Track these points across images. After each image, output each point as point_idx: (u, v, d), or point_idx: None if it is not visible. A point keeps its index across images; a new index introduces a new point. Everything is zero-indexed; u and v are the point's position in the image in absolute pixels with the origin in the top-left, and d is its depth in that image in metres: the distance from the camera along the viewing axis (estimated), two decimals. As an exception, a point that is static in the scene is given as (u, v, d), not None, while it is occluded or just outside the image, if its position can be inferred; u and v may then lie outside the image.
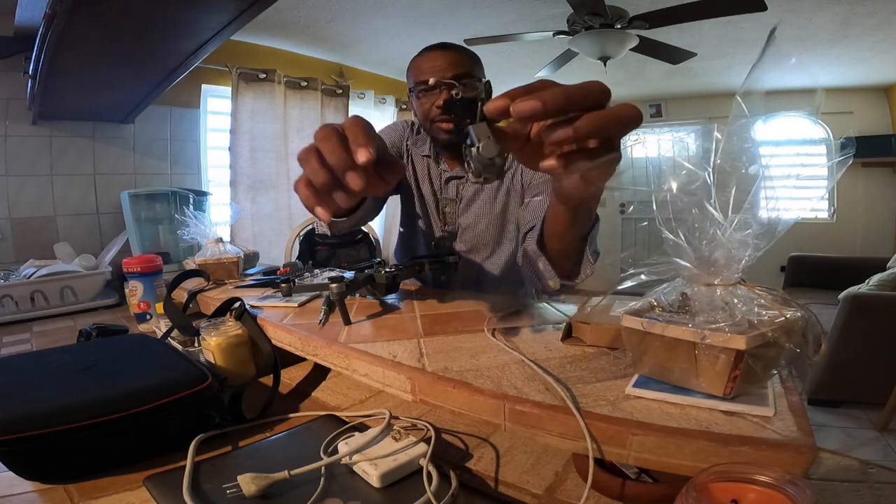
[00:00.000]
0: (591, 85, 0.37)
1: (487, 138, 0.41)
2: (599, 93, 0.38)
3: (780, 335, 0.42)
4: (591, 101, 0.37)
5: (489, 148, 0.41)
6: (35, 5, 1.77)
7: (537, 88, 0.37)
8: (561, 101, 0.36)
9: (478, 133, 0.42)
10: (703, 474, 0.35)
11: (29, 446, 0.49)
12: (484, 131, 0.42)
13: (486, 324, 0.72)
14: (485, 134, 0.42)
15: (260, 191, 3.15)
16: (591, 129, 0.36)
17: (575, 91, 0.37)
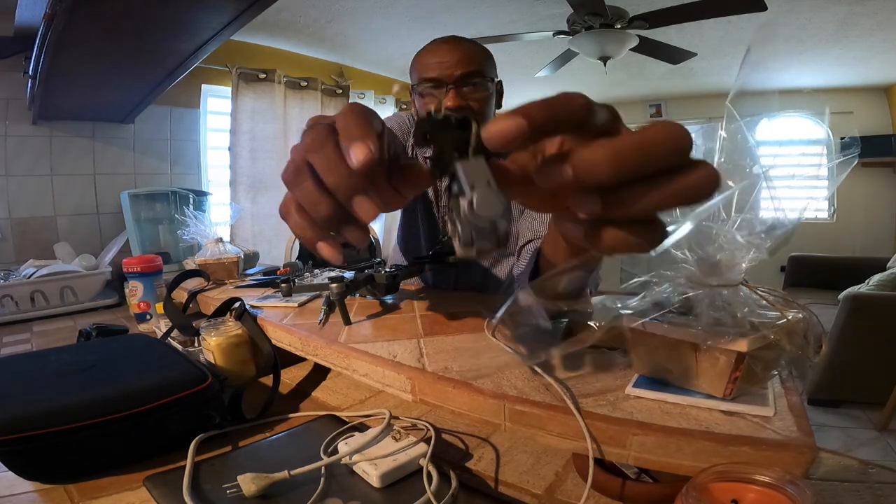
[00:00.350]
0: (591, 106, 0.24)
1: (486, 185, 0.25)
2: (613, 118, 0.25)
3: (782, 337, 0.42)
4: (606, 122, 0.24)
5: (488, 201, 0.25)
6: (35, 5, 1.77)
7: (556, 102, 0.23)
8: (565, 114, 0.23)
9: (471, 176, 0.26)
10: (703, 474, 0.35)
11: (29, 446, 0.49)
12: (481, 173, 0.26)
13: (485, 324, 0.72)
14: (483, 177, 0.26)
15: (260, 191, 3.15)
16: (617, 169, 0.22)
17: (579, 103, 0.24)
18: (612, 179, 0.22)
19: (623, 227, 0.24)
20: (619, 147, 0.22)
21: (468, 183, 0.26)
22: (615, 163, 0.22)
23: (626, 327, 0.48)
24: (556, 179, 0.24)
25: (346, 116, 0.27)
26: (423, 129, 0.29)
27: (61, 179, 2.69)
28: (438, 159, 0.28)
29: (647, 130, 0.22)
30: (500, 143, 0.23)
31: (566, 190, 0.24)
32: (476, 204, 0.25)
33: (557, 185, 0.24)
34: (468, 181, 0.26)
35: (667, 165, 0.22)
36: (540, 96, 0.24)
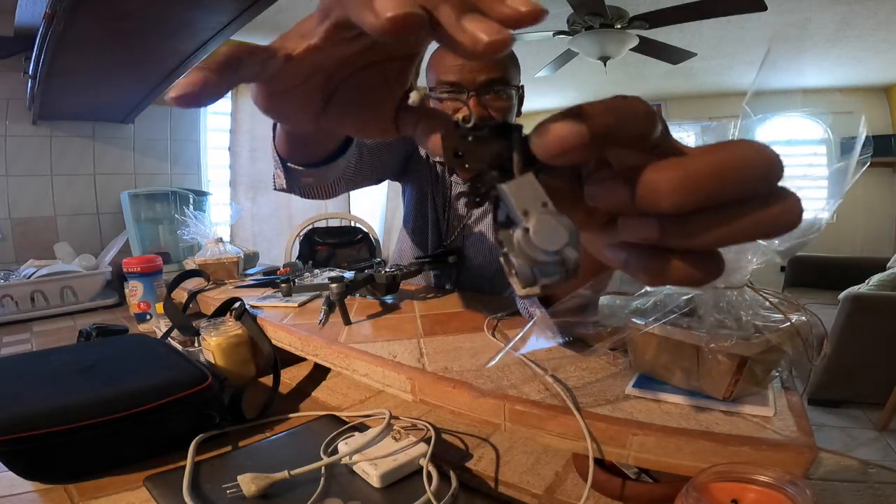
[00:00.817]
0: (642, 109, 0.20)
1: (542, 208, 0.20)
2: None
3: (784, 340, 0.42)
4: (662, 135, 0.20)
5: (549, 228, 0.19)
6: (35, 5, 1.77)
7: (620, 107, 0.19)
8: (630, 123, 0.19)
9: (522, 199, 0.20)
10: (703, 474, 0.35)
11: (29, 446, 0.49)
12: (534, 194, 0.20)
13: (485, 324, 0.72)
14: (536, 199, 0.20)
15: (260, 191, 3.15)
16: (687, 198, 0.18)
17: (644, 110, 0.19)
18: (679, 210, 0.18)
19: (678, 257, 0.20)
20: (692, 171, 0.18)
21: (519, 208, 0.20)
22: (686, 190, 0.18)
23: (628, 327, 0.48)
24: (608, 201, 0.20)
25: None
26: (452, 144, 0.22)
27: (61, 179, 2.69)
28: (476, 181, 0.22)
29: (726, 151, 0.18)
30: (557, 153, 0.19)
31: (617, 211, 0.21)
32: (534, 234, 0.19)
33: (608, 207, 0.21)
34: (519, 206, 0.20)
35: (746, 196, 0.18)
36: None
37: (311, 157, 0.50)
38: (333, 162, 0.51)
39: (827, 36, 2.94)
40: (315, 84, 0.25)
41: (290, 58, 0.23)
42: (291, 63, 0.23)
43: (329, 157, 0.50)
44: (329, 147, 0.48)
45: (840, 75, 3.70)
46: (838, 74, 3.68)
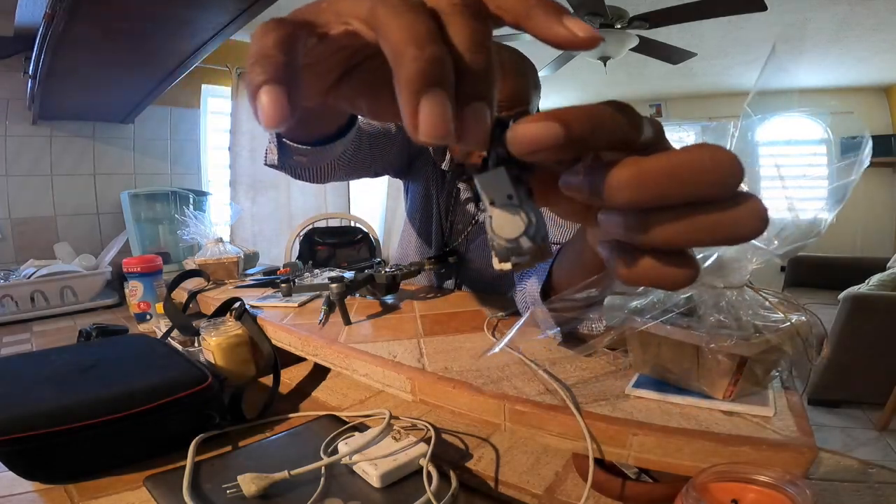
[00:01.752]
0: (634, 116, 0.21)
1: (506, 201, 0.22)
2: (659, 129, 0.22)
3: (784, 341, 0.42)
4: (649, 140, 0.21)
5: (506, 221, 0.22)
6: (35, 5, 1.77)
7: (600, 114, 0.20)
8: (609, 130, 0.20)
9: (488, 190, 0.22)
10: (703, 474, 0.35)
11: (29, 446, 0.49)
12: (500, 187, 0.22)
13: (485, 324, 0.72)
14: (502, 192, 0.22)
15: (260, 191, 3.15)
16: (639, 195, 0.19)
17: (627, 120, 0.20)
18: (632, 206, 0.19)
19: (648, 255, 0.21)
20: (646, 169, 0.19)
21: (487, 199, 0.22)
22: (638, 187, 0.19)
23: (627, 327, 0.48)
24: (574, 193, 0.22)
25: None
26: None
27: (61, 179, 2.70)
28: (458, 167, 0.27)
29: (684, 153, 0.19)
30: (526, 149, 0.20)
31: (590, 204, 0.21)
32: (493, 223, 0.22)
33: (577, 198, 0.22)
34: (487, 197, 0.22)
35: (699, 197, 0.19)
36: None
37: (308, 135, 0.47)
38: (331, 144, 0.48)
39: (827, 36, 2.94)
40: (336, 60, 0.23)
41: (325, 38, 0.21)
42: (325, 41, 0.21)
43: (327, 137, 0.47)
44: (329, 127, 0.45)
45: (840, 75, 3.70)
46: (838, 74, 3.68)
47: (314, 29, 0.21)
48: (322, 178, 0.76)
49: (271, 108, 0.18)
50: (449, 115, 0.18)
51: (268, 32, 0.19)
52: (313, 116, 0.41)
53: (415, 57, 0.17)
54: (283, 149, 0.54)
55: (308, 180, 0.74)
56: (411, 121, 0.18)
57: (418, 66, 0.17)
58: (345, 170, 0.81)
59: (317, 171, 0.73)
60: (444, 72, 0.18)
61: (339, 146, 0.51)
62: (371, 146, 0.87)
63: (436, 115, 0.17)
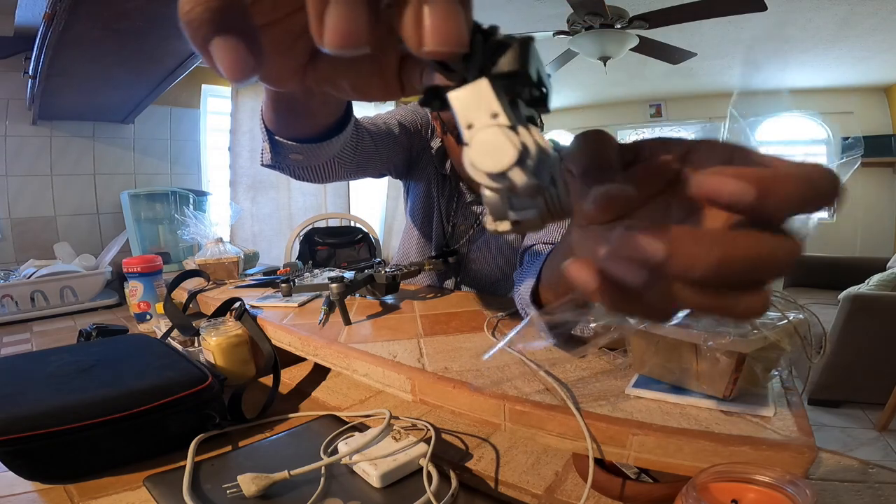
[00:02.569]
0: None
1: (492, 119, 0.16)
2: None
3: (782, 338, 0.42)
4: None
5: (494, 147, 0.16)
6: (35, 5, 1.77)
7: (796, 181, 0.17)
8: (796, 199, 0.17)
9: (468, 111, 0.16)
10: (703, 474, 0.35)
11: (29, 446, 0.49)
12: (485, 104, 0.16)
13: (486, 324, 0.72)
14: (485, 112, 0.16)
15: (260, 191, 3.15)
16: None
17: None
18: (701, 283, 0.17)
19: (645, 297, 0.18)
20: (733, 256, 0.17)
21: (464, 122, 0.16)
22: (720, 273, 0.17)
23: (626, 327, 0.48)
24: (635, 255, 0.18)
25: None
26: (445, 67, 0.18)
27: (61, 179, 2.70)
28: (431, 91, 0.18)
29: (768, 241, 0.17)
30: (711, 196, 0.17)
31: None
32: (473, 154, 0.16)
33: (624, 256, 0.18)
34: (463, 119, 0.16)
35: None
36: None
37: (301, 130, 0.44)
38: (326, 140, 0.45)
39: (827, 36, 2.94)
40: (298, 22, 0.19)
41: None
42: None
43: (321, 133, 0.44)
44: (322, 121, 0.42)
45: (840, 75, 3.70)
46: (838, 74, 3.68)
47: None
48: (322, 177, 0.73)
49: (229, 59, 0.16)
50: (362, 22, 0.15)
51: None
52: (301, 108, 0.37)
53: None
54: (276, 148, 0.51)
55: (307, 180, 0.71)
56: (316, 27, 0.15)
57: None
58: (346, 169, 0.78)
59: (316, 171, 0.70)
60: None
61: (336, 143, 0.48)
62: (374, 145, 0.85)
63: (343, 22, 0.15)
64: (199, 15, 0.15)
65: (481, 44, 0.17)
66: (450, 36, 0.15)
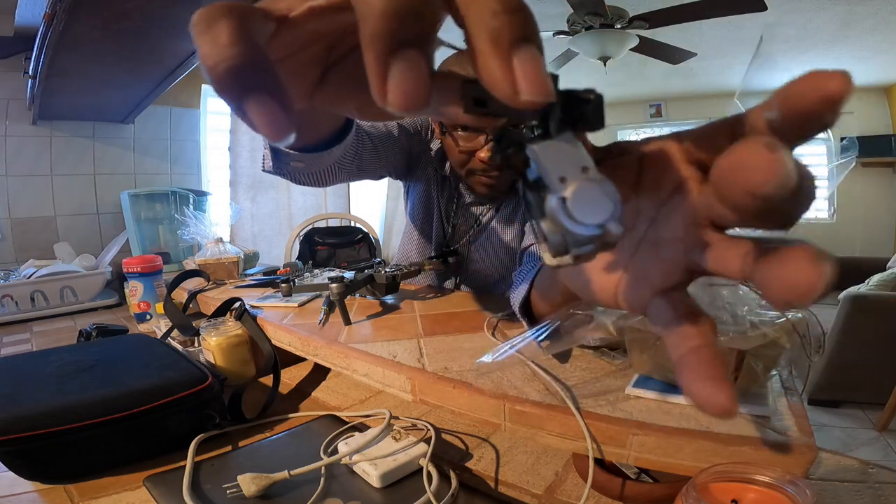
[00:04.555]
0: None
1: (583, 174, 0.17)
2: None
3: (781, 335, 0.42)
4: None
5: (594, 201, 0.17)
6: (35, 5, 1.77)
7: None
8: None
9: (559, 165, 0.17)
10: (703, 474, 0.35)
11: (29, 446, 0.49)
12: (575, 158, 0.17)
13: (486, 324, 0.72)
14: (577, 165, 0.17)
15: (260, 191, 3.15)
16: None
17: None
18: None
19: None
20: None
21: (555, 175, 0.17)
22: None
23: (626, 326, 0.48)
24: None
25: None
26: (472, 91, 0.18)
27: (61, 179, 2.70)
28: (501, 139, 0.19)
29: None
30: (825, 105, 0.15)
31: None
32: (572, 205, 0.17)
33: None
34: (554, 172, 0.17)
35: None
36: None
37: (303, 140, 0.43)
38: (327, 150, 0.45)
39: (827, 36, 2.94)
40: (313, 53, 0.21)
41: (286, 21, 0.18)
42: (287, 28, 0.18)
43: (323, 142, 0.43)
44: (323, 131, 0.41)
45: (840, 75, 3.69)
46: (838, 74, 3.68)
47: (271, 13, 0.18)
48: (323, 182, 0.72)
49: (267, 122, 0.15)
50: (424, 82, 0.15)
51: (214, 24, 0.15)
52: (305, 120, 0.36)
53: (382, 8, 0.14)
54: (277, 155, 0.51)
55: (309, 185, 0.71)
56: (379, 88, 0.15)
57: (385, 21, 0.14)
58: (347, 173, 0.77)
59: (317, 176, 0.70)
60: (420, 25, 0.15)
61: (337, 151, 0.48)
62: (374, 148, 0.85)
63: (407, 83, 0.14)
64: (224, 74, 0.15)
65: (563, 96, 0.17)
66: (544, 86, 0.15)
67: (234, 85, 0.15)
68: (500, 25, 0.15)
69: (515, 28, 0.15)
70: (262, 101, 0.15)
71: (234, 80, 0.15)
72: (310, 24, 0.19)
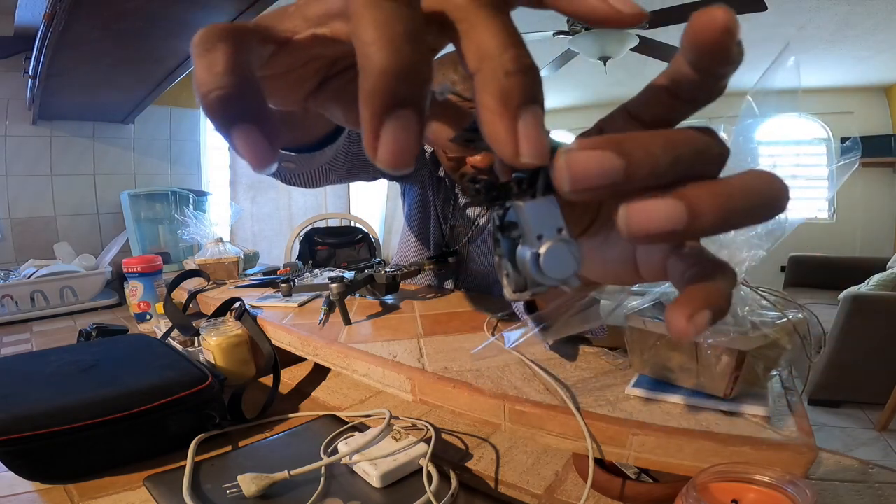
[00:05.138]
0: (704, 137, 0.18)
1: (557, 236, 0.19)
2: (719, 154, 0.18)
3: (782, 336, 0.42)
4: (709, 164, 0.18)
5: (560, 260, 0.19)
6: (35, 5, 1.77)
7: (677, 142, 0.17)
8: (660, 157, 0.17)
9: (538, 222, 0.19)
10: (703, 474, 0.35)
11: (29, 446, 0.49)
12: (551, 219, 0.19)
13: (486, 324, 0.72)
14: (552, 225, 0.19)
15: (260, 191, 3.15)
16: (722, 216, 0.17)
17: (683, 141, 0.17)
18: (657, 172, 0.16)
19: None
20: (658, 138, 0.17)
21: (534, 232, 0.19)
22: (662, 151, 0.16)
23: (626, 326, 0.48)
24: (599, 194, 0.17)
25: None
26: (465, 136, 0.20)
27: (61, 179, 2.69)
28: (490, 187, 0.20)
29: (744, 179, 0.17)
30: (580, 186, 0.16)
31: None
32: (544, 262, 0.18)
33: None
34: (534, 229, 0.19)
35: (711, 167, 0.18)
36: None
37: (294, 140, 0.43)
38: (319, 150, 0.45)
39: (827, 36, 2.94)
40: (313, 69, 0.21)
41: (289, 44, 0.19)
42: (288, 50, 0.19)
43: (315, 143, 0.43)
44: (315, 133, 0.41)
45: (840, 75, 3.70)
46: (838, 74, 3.68)
47: (272, 36, 0.18)
48: (314, 183, 0.72)
49: (251, 152, 0.16)
50: (415, 142, 0.15)
51: (212, 48, 0.16)
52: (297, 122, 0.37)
53: (382, 67, 0.14)
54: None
55: (300, 186, 0.71)
56: (370, 143, 0.15)
57: (384, 80, 0.14)
58: (338, 174, 0.77)
59: (308, 177, 0.69)
60: (418, 85, 0.15)
61: (329, 151, 0.47)
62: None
63: (399, 142, 0.15)
64: (215, 102, 0.16)
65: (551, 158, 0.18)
66: (543, 151, 0.16)
67: (223, 114, 0.16)
68: (511, 86, 0.15)
69: (525, 90, 0.15)
70: (248, 131, 0.16)
71: (223, 109, 0.16)
72: (312, 50, 0.19)
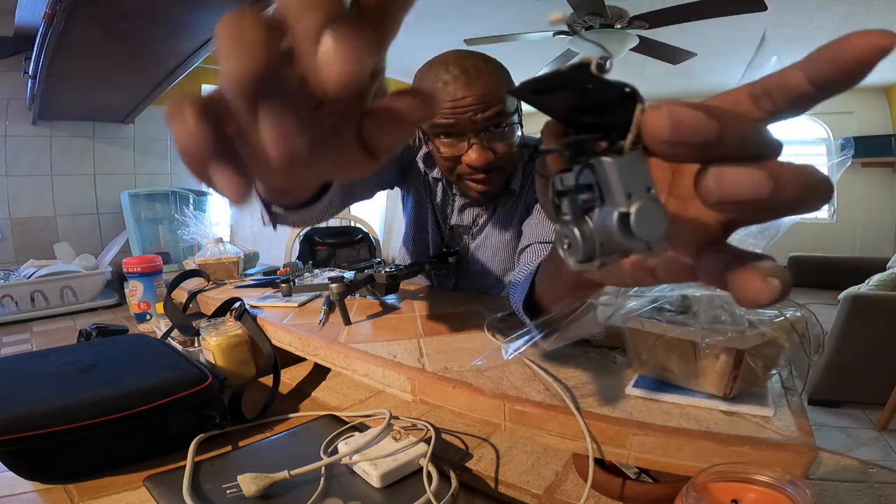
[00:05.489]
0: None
1: (647, 193, 0.18)
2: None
3: (780, 334, 0.42)
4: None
5: (654, 219, 0.18)
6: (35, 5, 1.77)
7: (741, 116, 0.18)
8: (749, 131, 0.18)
9: (628, 181, 0.18)
10: (703, 474, 0.35)
11: (29, 446, 0.49)
12: (642, 177, 0.18)
13: (486, 324, 0.72)
14: (643, 184, 0.18)
15: (260, 191, 3.14)
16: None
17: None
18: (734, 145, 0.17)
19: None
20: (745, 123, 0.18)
21: (623, 190, 0.17)
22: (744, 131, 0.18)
23: (626, 327, 0.48)
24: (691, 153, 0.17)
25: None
26: (555, 83, 0.18)
27: (61, 179, 2.69)
28: (574, 143, 0.19)
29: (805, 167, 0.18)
30: (679, 137, 0.16)
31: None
32: (635, 221, 0.17)
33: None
34: (623, 188, 0.17)
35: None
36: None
37: (293, 200, 0.44)
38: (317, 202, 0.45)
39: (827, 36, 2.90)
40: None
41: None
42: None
43: (310, 199, 0.44)
44: (306, 192, 0.42)
45: (840, 75, 3.70)
46: (838, 74, 3.68)
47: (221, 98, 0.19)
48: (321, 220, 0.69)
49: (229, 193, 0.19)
50: (289, 129, 0.17)
51: (181, 112, 0.18)
52: (288, 189, 0.37)
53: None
54: (273, 214, 0.50)
55: (309, 225, 0.71)
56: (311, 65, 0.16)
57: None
58: (343, 205, 0.76)
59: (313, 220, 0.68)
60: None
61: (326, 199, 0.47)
62: (363, 180, 0.83)
63: (274, 139, 0.17)
64: (194, 157, 0.19)
65: (639, 115, 0.18)
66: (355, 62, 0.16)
67: (198, 163, 0.19)
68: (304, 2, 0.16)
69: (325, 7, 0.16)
70: (223, 173, 0.19)
71: (199, 159, 0.18)
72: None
